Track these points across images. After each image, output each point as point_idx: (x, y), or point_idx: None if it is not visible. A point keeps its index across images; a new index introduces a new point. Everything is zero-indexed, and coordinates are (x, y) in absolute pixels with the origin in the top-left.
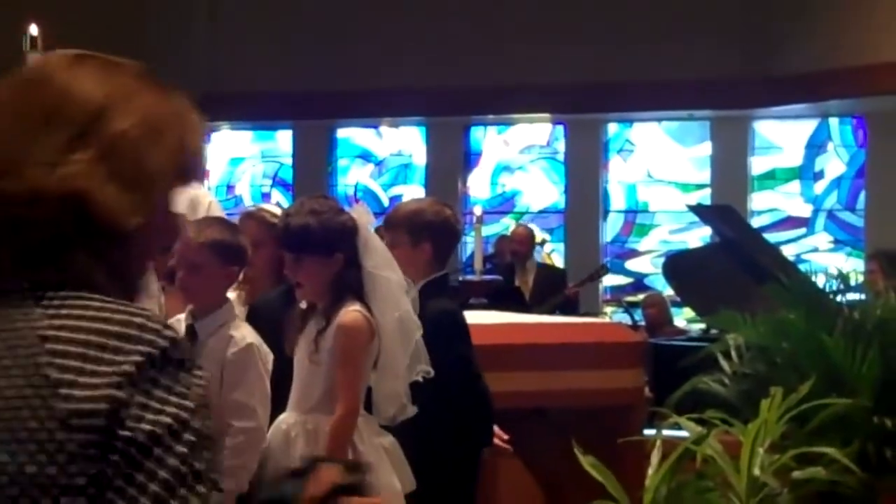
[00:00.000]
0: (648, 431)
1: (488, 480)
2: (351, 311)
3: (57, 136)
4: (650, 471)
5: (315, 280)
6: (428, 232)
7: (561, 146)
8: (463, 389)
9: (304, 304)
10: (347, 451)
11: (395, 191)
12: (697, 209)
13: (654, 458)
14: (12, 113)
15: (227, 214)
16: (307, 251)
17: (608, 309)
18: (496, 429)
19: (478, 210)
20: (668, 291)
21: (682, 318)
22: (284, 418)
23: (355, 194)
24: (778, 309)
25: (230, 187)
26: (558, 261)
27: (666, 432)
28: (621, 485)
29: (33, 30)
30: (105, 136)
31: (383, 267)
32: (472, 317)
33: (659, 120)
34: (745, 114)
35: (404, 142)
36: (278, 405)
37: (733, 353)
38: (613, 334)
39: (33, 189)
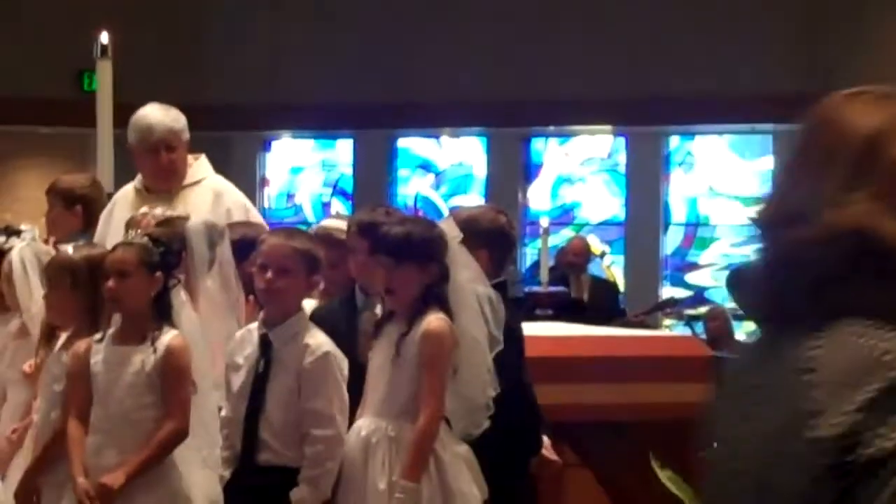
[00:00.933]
0: None
1: (558, 493)
2: (436, 319)
3: (836, 174)
4: None
5: (409, 287)
6: (483, 239)
7: (622, 158)
8: (512, 398)
9: (378, 311)
10: (430, 459)
11: (455, 201)
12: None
13: None
14: (801, 158)
15: (286, 223)
16: (406, 258)
17: (667, 322)
18: (546, 441)
19: (544, 222)
20: (730, 304)
21: (743, 331)
22: (363, 424)
23: (415, 204)
24: None
25: (290, 196)
26: (618, 273)
27: None
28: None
29: (104, 38)
30: (880, 168)
31: (475, 280)
32: (544, 328)
33: (721, 133)
34: None
35: (465, 152)
36: None
37: None
38: (688, 348)
39: (827, 230)
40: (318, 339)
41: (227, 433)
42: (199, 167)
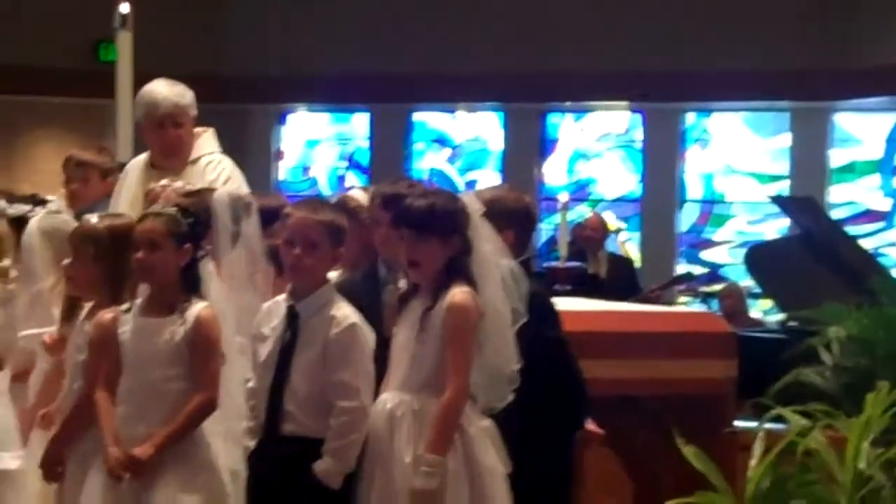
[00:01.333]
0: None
1: (578, 469)
2: (460, 292)
3: None
4: (752, 462)
5: (432, 260)
6: (508, 219)
7: (638, 134)
8: (558, 371)
9: (402, 285)
10: (455, 432)
11: (471, 176)
12: (779, 200)
13: (757, 449)
14: None
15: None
16: (429, 231)
17: (683, 298)
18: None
19: (563, 197)
20: (744, 282)
21: (758, 309)
22: (388, 398)
23: (430, 179)
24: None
25: (306, 169)
26: (633, 250)
27: (746, 423)
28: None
29: (124, 8)
30: None
31: (497, 253)
32: (563, 304)
33: (737, 110)
34: (826, 105)
35: (481, 127)
36: None
37: (834, 346)
38: (706, 324)
39: None
40: (345, 311)
41: (253, 404)
42: (204, 142)
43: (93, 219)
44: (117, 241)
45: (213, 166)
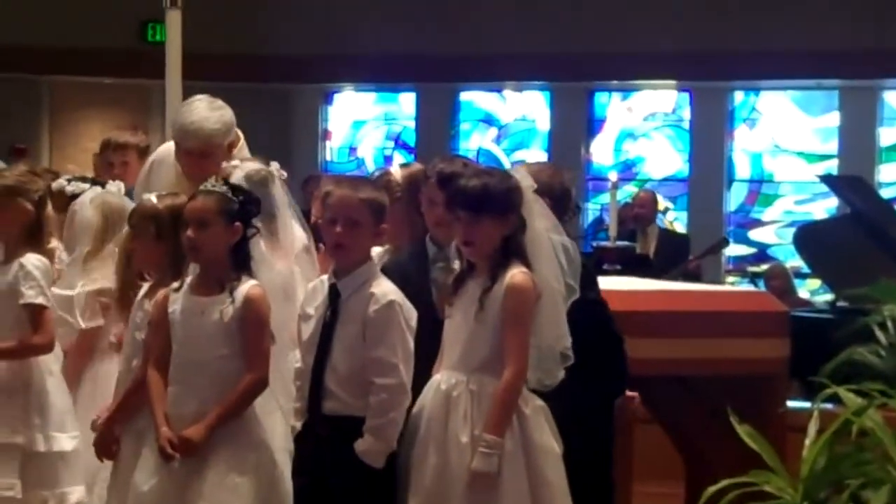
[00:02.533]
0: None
1: (626, 448)
2: (520, 273)
3: None
4: (807, 441)
5: (488, 240)
6: (546, 195)
7: (686, 114)
8: (595, 334)
9: (456, 266)
10: (514, 413)
11: (518, 156)
12: (828, 179)
13: (812, 428)
14: None
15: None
16: (485, 211)
17: (731, 279)
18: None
19: (613, 176)
20: (792, 262)
21: (806, 289)
22: (443, 378)
23: (477, 158)
24: None
25: (352, 149)
26: (680, 229)
27: (798, 403)
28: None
29: None
30: None
31: (550, 229)
32: (613, 283)
33: (786, 89)
34: (874, 84)
35: (528, 106)
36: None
37: (889, 325)
38: (759, 303)
39: None
40: (384, 288)
41: (299, 384)
42: (241, 154)
43: (152, 198)
44: (178, 220)
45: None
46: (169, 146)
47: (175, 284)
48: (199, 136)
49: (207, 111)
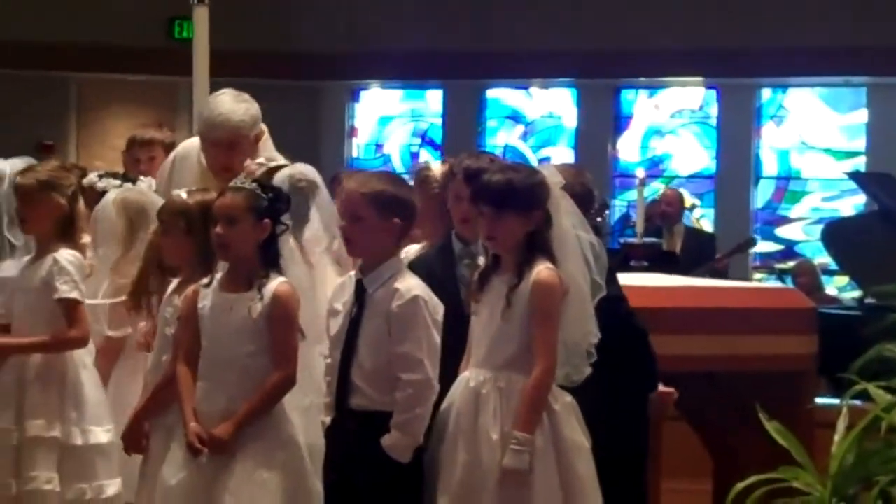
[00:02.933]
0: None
1: (655, 444)
2: (546, 269)
3: None
4: (836, 438)
5: (512, 236)
6: (568, 195)
7: (713, 110)
8: (617, 331)
9: (481, 262)
10: (544, 410)
11: (544, 153)
12: (856, 176)
13: (841, 425)
14: None
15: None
16: (508, 207)
17: (758, 276)
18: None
19: (640, 173)
20: (819, 259)
21: (833, 286)
22: (471, 376)
23: (504, 155)
24: None
25: (379, 146)
26: (707, 226)
27: (827, 400)
28: None
29: None
30: None
31: (577, 226)
32: (641, 279)
33: (813, 86)
34: None
35: (554, 103)
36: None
37: None
38: (788, 299)
39: None
40: (409, 283)
41: (329, 380)
42: (265, 148)
43: (182, 194)
44: (207, 216)
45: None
46: (192, 142)
47: (205, 280)
48: (226, 126)
49: (234, 103)
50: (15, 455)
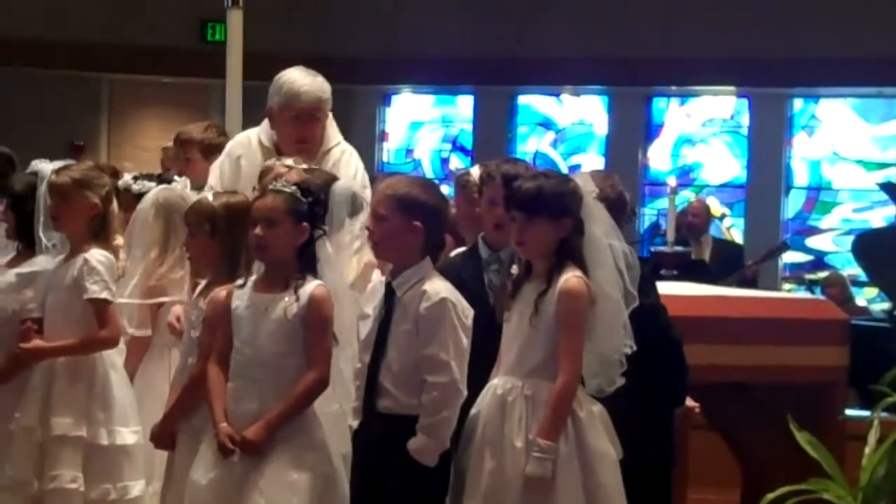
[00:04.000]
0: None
1: (684, 453)
2: (573, 277)
3: None
4: (867, 450)
5: (541, 242)
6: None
7: (745, 120)
8: (654, 340)
9: (514, 270)
10: (568, 417)
11: (575, 160)
12: (887, 187)
13: (872, 437)
14: None
15: None
16: (539, 213)
17: (787, 286)
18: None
19: (672, 181)
20: (849, 270)
21: (863, 297)
22: (499, 383)
23: (534, 162)
24: None
25: (409, 151)
26: (737, 236)
27: (857, 412)
28: None
29: None
30: None
31: (609, 235)
32: (671, 288)
33: (845, 96)
34: None
35: (586, 111)
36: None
37: None
38: (819, 310)
39: None
40: (437, 286)
41: (358, 384)
42: (332, 130)
43: (209, 196)
44: (233, 219)
45: (346, 158)
46: (244, 134)
47: (239, 281)
48: (310, 96)
49: (312, 76)
50: (38, 453)
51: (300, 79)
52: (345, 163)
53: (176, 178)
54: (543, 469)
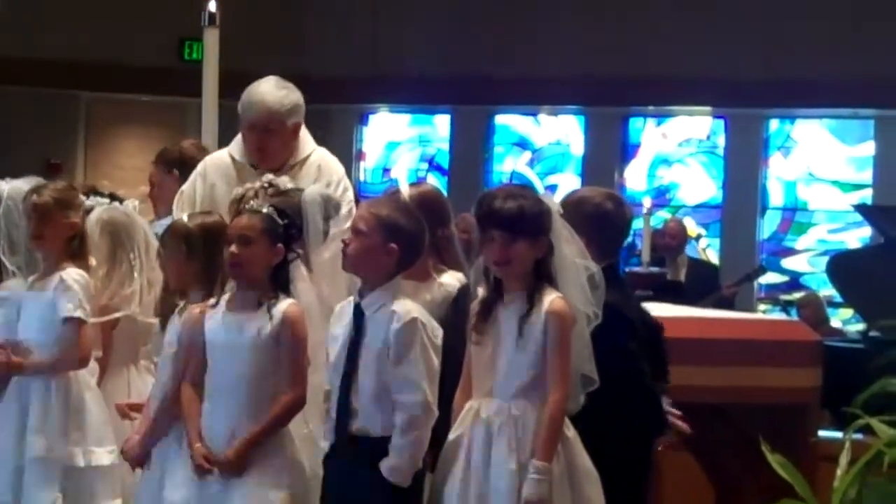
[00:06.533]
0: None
1: (658, 475)
2: (558, 299)
3: None
4: (839, 472)
5: (522, 262)
6: (586, 223)
7: (721, 140)
8: (629, 385)
9: (481, 291)
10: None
11: (551, 180)
12: (862, 209)
13: (843, 459)
14: None
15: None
16: (520, 233)
17: (763, 307)
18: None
19: (647, 202)
20: (825, 291)
21: (838, 318)
22: (481, 406)
23: (511, 182)
24: None
25: (386, 170)
26: (713, 256)
27: (830, 433)
28: None
29: (212, 6)
30: None
31: (577, 254)
32: (649, 309)
33: (821, 117)
34: None
35: (562, 130)
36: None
37: None
38: (792, 332)
39: None
40: (407, 306)
41: (328, 406)
42: (304, 141)
43: (184, 217)
44: (209, 239)
45: (326, 168)
46: (218, 154)
47: (211, 301)
48: (261, 109)
49: (274, 89)
50: (16, 475)
51: (259, 88)
52: (324, 174)
53: (129, 200)
54: (541, 490)
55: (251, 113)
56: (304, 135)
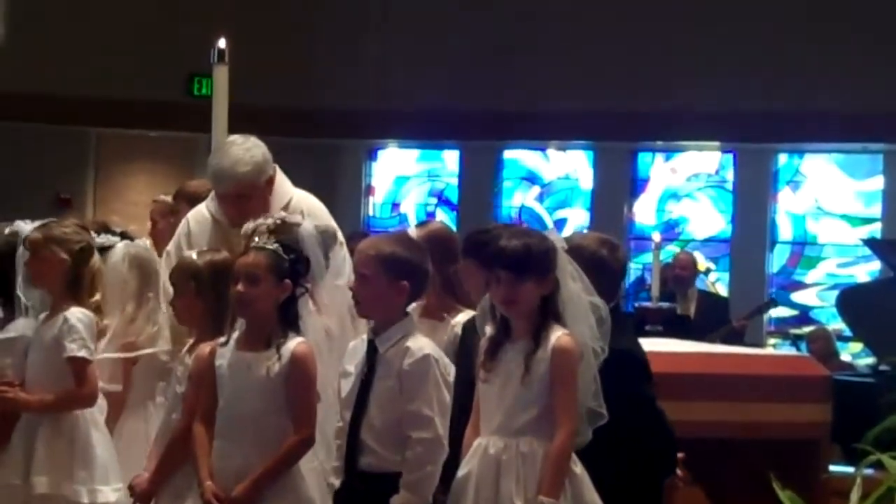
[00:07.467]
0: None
1: None
2: (564, 336)
3: None
4: None
5: (528, 301)
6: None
7: (729, 175)
8: (646, 429)
9: (489, 330)
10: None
11: (560, 214)
12: (871, 243)
13: (854, 495)
14: None
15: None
16: (527, 272)
17: (772, 341)
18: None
19: (656, 237)
20: (834, 325)
21: (848, 352)
22: (489, 443)
23: (520, 216)
24: None
25: (395, 205)
26: (722, 290)
27: (841, 468)
28: None
29: (221, 43)
30: None
31: (582, 290)
32: (658, 345)
33: (830, 151)
34: None
35: (571, 165)
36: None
37: None
38: (802, 367)
39: None
40: (420, 343)
41: (339, 443)
42: (282, 186)
43: (192, 255)
44: (217, 277)
45: (312, 214)
46: (199, 210)
47: (222, 339)
48: (231, 180)
49: (238, 154)
50: None
51: (224, 159)
52: (311, 215)
53: (139, 239)
54: None
55: (222, 187)
56: (280, 179)
